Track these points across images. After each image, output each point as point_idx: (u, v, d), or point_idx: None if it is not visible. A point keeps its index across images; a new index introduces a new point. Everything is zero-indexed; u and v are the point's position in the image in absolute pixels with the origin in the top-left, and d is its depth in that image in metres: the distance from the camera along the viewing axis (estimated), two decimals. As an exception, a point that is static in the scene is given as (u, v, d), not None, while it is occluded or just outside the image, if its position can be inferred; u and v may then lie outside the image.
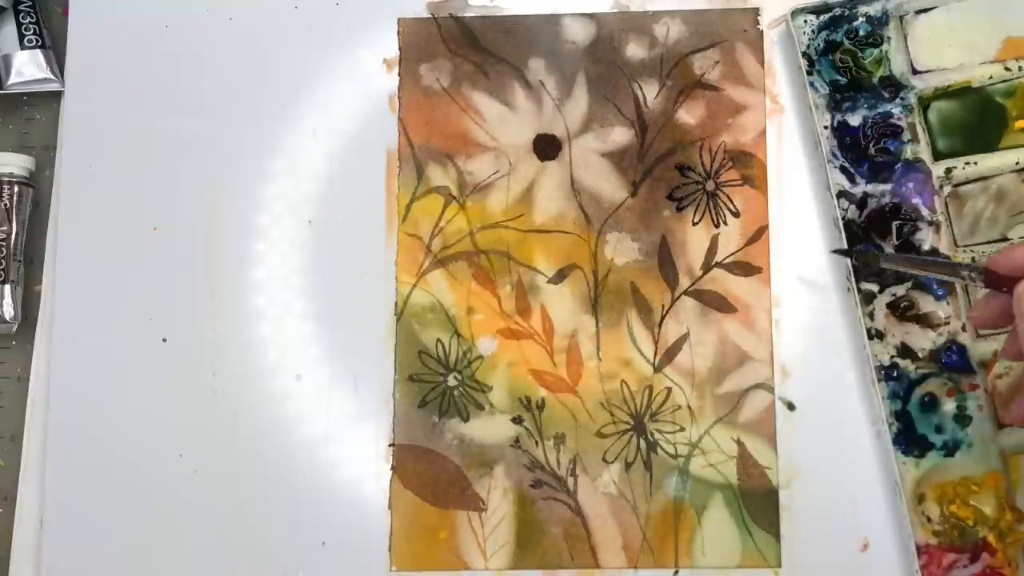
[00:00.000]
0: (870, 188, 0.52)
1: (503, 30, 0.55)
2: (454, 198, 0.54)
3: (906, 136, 0.53)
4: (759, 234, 0.53)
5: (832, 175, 0.52)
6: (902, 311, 0.52)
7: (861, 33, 0.54)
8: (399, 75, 0.55)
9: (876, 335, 0.52)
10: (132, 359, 0.53)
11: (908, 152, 0.53)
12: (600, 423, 0.52)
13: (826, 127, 0.53)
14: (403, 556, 0.51)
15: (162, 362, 0.53)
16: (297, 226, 0.54)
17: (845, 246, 0.51)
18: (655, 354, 0.53)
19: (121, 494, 0.52)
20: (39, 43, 0.56)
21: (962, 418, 0.51)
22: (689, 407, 0.52)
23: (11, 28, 0.56)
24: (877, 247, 0.52)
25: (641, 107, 0.54)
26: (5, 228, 0.54)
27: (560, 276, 0.53)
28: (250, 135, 0.55)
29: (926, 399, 0.51)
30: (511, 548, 0.51)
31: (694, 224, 0.54)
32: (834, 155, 0.53)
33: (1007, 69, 0.53)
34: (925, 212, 0.52)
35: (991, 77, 0.53)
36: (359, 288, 0.54)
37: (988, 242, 0.52)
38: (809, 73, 0.53)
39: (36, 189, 0.56)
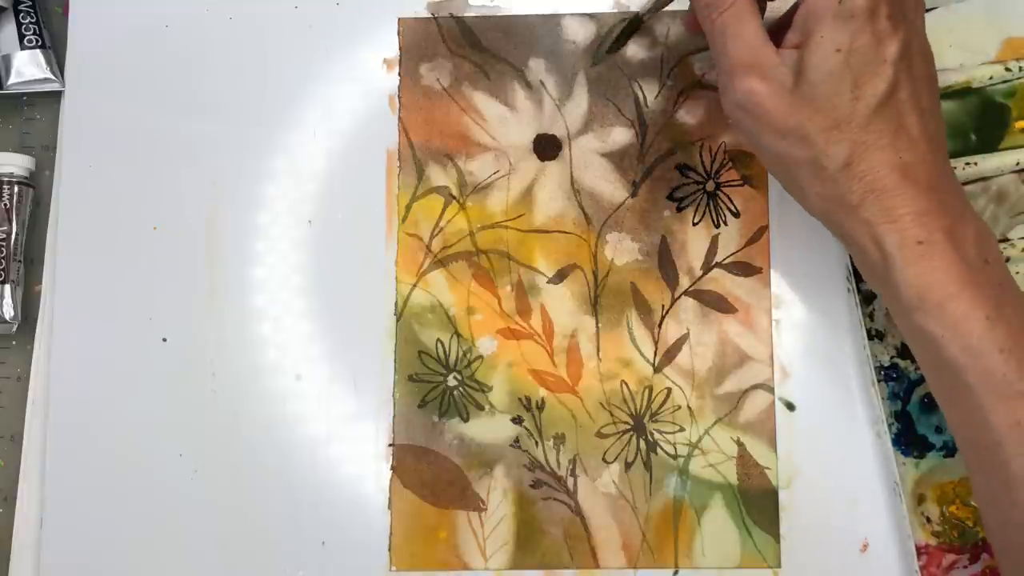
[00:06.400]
0: (870, 188, 0.52)
1: (503, 30, 0.55)
2: (454, 198, 0.54)
3: (906, 136, 0.53)
4: (759, 234, 0.53)
5: (832, 175, 0.52)
6: (902, 311, 0.52)
7: (861, 33, 0.53)
8: (399, 75, 0.55)
9: (876, 335, 0.52)
10: (132, 359, 0.53)
11: (908, 152, 0.53)
12: (600, 423, 0.52)
13: (826, 127, 0.53)
14: (403, 556, 0.51)
15: (162, 362, 0.53)
16: (297, 226, 0.54)
17: None
18: (655, 354, 0.53)
19: (121, 494, 0.52)
20: (39, 43, 0.56)
21: (962, 418, 0.51)
22: (689, 407, 0.52)
23: (11, 28, 0.56)
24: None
25: (641, 107, 0.54)
26: (5, 228, 0.54)
27: (560, 276, 0.53)
28: (250, 135, 0.55)
29: (926, 399, 0.51)
30: (511, 548, 0.51)
31: (694, 224, 0.53)
32: (834, 155, 0.53)
33: (1007, 70, 0.53)
34: (925, 212, 0.52)
35: (991, 78, 0.53)
36: (359, 288, 0.54)
37: (988, 242, 0.52)
38: (809, 73, 0.53)
39: (36, 189, 0.55)
